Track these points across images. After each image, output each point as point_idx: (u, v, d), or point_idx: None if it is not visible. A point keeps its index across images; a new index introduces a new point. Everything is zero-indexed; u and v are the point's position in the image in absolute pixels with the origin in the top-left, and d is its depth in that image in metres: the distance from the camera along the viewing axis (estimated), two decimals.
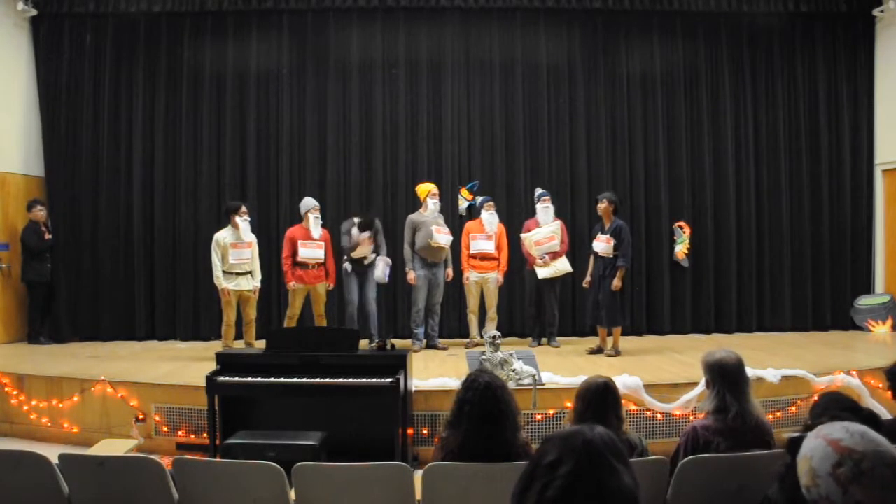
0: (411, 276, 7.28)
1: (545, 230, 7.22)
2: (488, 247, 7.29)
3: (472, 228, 7.38)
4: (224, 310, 6.83)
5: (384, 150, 8.41)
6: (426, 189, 7.42)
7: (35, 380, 5.94)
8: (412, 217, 7.41)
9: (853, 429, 1.47)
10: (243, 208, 6.88)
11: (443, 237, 7.24)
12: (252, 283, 6.89)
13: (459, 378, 3.44)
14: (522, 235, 7.35)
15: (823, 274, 8.58)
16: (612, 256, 6.66)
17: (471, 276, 7.31)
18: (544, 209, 7.30)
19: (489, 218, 7.32)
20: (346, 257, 7.24)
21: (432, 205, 7.32)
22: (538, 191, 7.50)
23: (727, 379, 3.07)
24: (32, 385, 5.91)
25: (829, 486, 1.42)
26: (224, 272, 6.72)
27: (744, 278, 8.52)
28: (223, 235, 6.78)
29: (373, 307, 7.33)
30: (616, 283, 6.58)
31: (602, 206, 6.79)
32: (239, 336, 7.01)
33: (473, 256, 7.33)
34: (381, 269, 7.14)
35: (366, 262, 7.23)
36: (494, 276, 7.31)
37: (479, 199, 7.54)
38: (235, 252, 6.73)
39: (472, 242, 7.32)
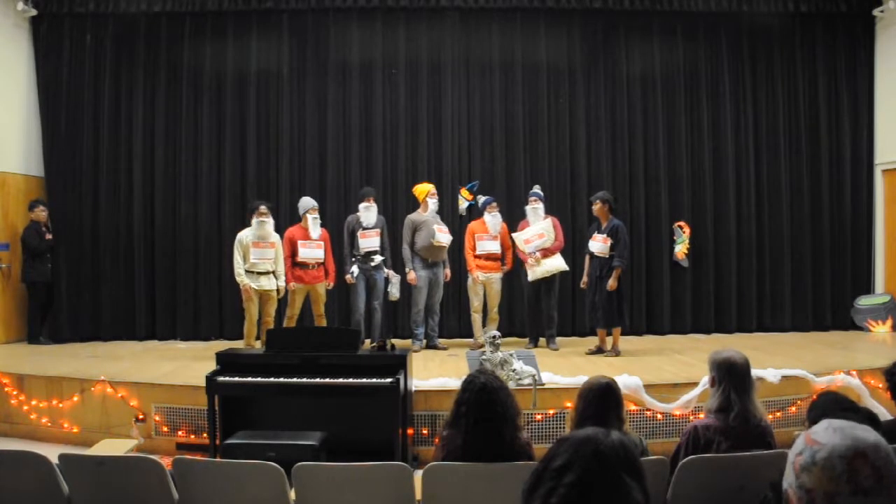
0: (412, 276, 7.26)
1: (534, 228, 7.20)
2: (494, 247, 7.29)
3: (477, 229, 7.36)
4: (246, 307, 6.81)
5: (384, 150, 8.41)
6: (425, 189, 7.42)
7: (35, 380, 5.94)
8: (411, 217, 7.40)
9: (835, 424, 1.45)
10: (262, 208, 6.82)
11: (444, 236, 7.27)
12: (275, 283, 6.89)
13: (459, 378, 3.44)
14: (513, 235, 7.34)
15: (823, 274, 8.57)
16: (608, 256, 6.64)
17: (479, 276, 7.29)
18: (532, 210, 7.28)
19: (492, 220, 7.30)
20: (352, 259, 7.21)
21: (433, 204, 7.33)
22: (532, 190, 7.48)
23: (734, 378, 3.08)
24: (32, 385, 5.91)
25: (789, 473, 1.45)
26: (246, 271, 6.72)
27: (744, 278, 8.51)
28: (245, 234, 6.80)
29: (379, 315, 7.34)
30: (612, 282, 6.55)
31: (596, 206, 6.77)
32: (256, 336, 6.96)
33: (479, 257, 7.31)
34: (396, 288, 7.23)
35: (372, 264, 7.21)
36: (498, 276, 7.32)
37: (481, 199, 7.51)
38: (257, 251, 6.74)
39: (479, 243, 7.30)
